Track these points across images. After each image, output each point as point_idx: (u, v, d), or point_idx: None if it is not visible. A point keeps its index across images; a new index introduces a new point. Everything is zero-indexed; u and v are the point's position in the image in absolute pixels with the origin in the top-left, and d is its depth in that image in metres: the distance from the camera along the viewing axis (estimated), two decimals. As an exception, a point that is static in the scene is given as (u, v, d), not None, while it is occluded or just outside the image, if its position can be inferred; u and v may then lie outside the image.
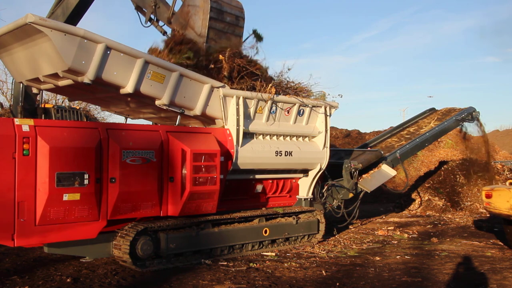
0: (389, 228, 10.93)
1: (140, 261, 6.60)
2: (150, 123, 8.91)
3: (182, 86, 7.08)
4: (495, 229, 10.87)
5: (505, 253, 8.23)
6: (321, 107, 8.94)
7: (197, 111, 7.34)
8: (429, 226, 11.47)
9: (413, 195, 14.82)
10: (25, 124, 5.77)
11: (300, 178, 9.11)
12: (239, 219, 7.78)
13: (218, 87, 7.46)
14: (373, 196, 13.88)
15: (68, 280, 6.01)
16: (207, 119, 7.70)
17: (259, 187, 8.46)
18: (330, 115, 9.10)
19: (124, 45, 6.47)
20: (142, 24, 9.46)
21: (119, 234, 6.57)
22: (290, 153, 8.38)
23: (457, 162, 15.81)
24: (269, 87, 8.01)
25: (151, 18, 9.41)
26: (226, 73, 8.05)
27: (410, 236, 10.11)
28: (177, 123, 7.32)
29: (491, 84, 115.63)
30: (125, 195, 6.37)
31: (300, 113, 8.65)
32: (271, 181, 8.63)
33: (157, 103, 6.97)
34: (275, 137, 8.40)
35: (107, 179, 6.27)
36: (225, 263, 7.18)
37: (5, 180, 5.60)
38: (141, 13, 9.53)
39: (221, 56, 8.08)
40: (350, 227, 10.91)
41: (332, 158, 9.49)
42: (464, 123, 13.47)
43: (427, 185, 14.89)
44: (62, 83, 6.90)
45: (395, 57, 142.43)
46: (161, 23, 9.38)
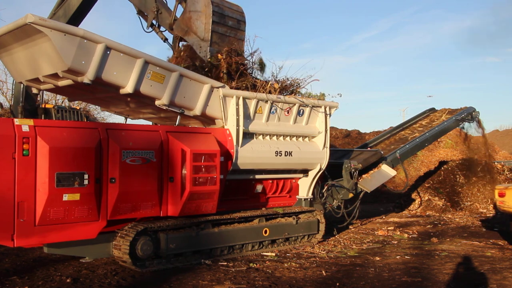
0: (389, 228, 10.93)
1: (140, 261, 6.60)
2: (150, 123, 8.91)
3: (182, 86, 7.08)
4: (494, 229, 10.87)
5: (505, 253, 8.23)
6: (321, 107, 8.94)
7: (197, 111, 7.34)
8: (429, 226, 11.47)
9: (413, 195, 14.81)
10: (25, 124, 5.77)
11: (300, 178, 9.11)
12: (239, 219, 7.78)
13: (218, 87, 7.45)
14: (373, 196, 13.88)
15: (68, 281, 6.01)
16: (207, 119, 7.70)
17: (259, 187, 8.46)
18: (330, 115, 9.11)
19: (124, 45, 6.47)
20: (144, 29, 9.44)
21: (119, 234, 6.57)
22: (290, 153, 8.38)
23: (457, 162, 15.80)
24: (269, 84, 8.01)
25: (152, 23, 9.38)
26: (224, 70, 8.05)
27: (410, 236, 10.11)
28: (177, 123, 7.32)
29: (490, 84, 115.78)
30: (125, 195, 6.37)
31: (300, 113, 8.65)
32: (271, 181, 8.63)
33: (157, 103, 6.97)
34: (275, 137, 8.40)
35: (107, 179, 6.27)
36: (225, 263, 7.17)
37: (5, 180, 5.60)
38: (143, 17, 9.51)
39: (220, 55, 8.09)
40: (350, 227, 10.91)
41: (332, 158, 9.49)
42: (464, 123, 13.49)
43: (427, 185, 14.89)
44: (62, 83, 6.90)
45: (395, 57, 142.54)
46: (162, 28, 9.35)
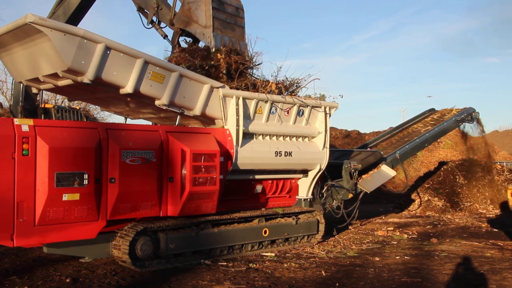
0: (388, 229, 10.93)
1: (140, 262, 6.60)
2: (149, 123, 8.90)
3: (181, 86, 7.08)
4: (494, 229, 10.87)
5: (505, 253, 8.23)
6: (321, 107, 8.94)
7: (197, 111, 7.34)
8: (428, 227, 11.47)
9: (413, 196, 14.81)
10: (25, 124, 5.76)
11: (299, 178, 9.10)
12: (238, 220, 7.78)
13: (217, 87, 7.45)
14: (373, 197, 13.87)
15: (68, 280, 6.01)
16: (206, 119, 7.70)
17: (258, 188, 8.45)
18: (330, 115, 9.10)
19: (124, 45, 6.47)
20: (144, 25, 9.51)
21: (119, 234, 6.56)
22: (290, 154, 8.37)
23: (457, 162, 15.81)
24: (269, 84, 8.02)
25: (152, 20, 9.43)
26: (224, 70, 8.07)
27: (410, 237, 10.11)
28: (176, 123, 7.31)
29: (490, 84, 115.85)
30: (124, 195, 6.36)
31: (300, 113, 8.65)
32: (270, 181, 8.63)
33: (156, 103, 6.97)
34: (274, 138, 8.39)
35: (106, 179, 6.26)
36: (225, 263, 7.17)
37: (4, 180, 5.59)
38: (143, 14, 9.57)
39: (219, 55, 8.09)
40: (350, 227, 10.91)
41: (331, 159, 9.49)
42: (463, 123, 13.50)
43: (426, 185, 14.89)
44: (61, 83, 6.89)
45: (395, 58, 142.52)
46: (162, 24, 9.41)
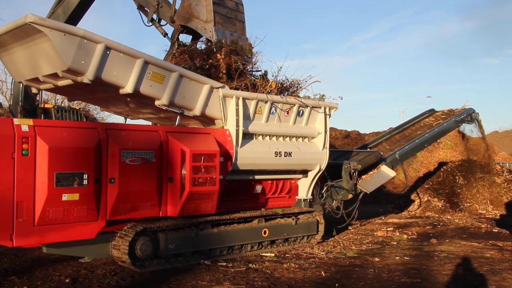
0: (388, 229, 10.93)
1: (139, 262, 6.59)
2: (149, 123, 8.90)
3: (181, 87, 7.07)
4: (494, 230, 10.87)
5: (504, 254, 8.23)
6: (320, 107, 8.94)
7: (197, 111, 7.34)
8: (428, 227, 11.47)
9: (413, 196, 14.81)
10: (24, 124, 5.76)
11: (299, 178, 9.10)
12: (238, 220, 7.78)
13: (217, 88, 7.45)
14: (373, 197, 13.88)
15: (67, 281, 6.00)
16: (206, 119, 7.69)
17: (258, 188, 8.45)
18: (329, 115, 9.10)
19: (124, 45, 6.47)
20: (144, 23, 9.53)
21: (118, 235, 6.56)
22: (290, 154, 8.37)
23: (457, 163, 15.81)
24: (269, 83, 8.02)
25: (153, 18, 9.45)
26: (224, 70, 8.07)
27: (409, 237, 10.11)
28: (176, 124, 7.31)
29: (490, 85, 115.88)
30: (124, 196, 6.36)
31: (299, 113, 8.65)
32: (270, 181, 8.62)
33: (156, 103, 6.97)
34: (274, 138, 8.39)
35: (106, 179, 6.26)
36: (224, 263, 7.17)
37: (4, 180, 5.59)
38: (143, 12, 9.58)
39: (219, 55, 8.10)
40: (350, 228, 10.91)
41: (331, 159, 9.49)
42: (463, 124, 13.50)
43: (426, 186, 14.89)
44: (61, 83, 6.89)
45: (395, 58, 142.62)
46: (163, 22, 9.43)
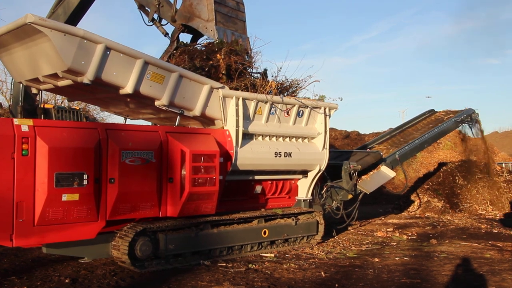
0: (388, 230, 10.92)
1: (139, 262, 6.59)
2: (149, 123, 8.90)
3: (181, 87, 7.07)
4: (493, 230, 10.87)
5: (504, 254, 8.23)
6: (320, 108, 8.94)
7: (197, 112, 7.34)
8: (428, 228, 11.47)
9: (412, 197, 14.81)
10: (24, 124, 5.76)
11: (299, 179, 9.10)
12: (238, 220, 7.77)
13: (217, 88, 7.45)
14: (372, 198, 13.87)
15: (67, 281, 6.00)
16: (206, 120, 7.70)
17: (258, 188, 8.45)
18: (329, 116, 9.10)
19: (124, 46, 6.47)
20: (145, 23, 9.52)
21: (118, 235, 6.56)
22: (290, 154, 8.37)
23: (456, 163, 15.81)
24: (269, 83, 8.02)
25: (153, 18, 9.44)
26: (223, 70, 8.07)
27: (409, 238, 10.11)
28: (176, 124, 7.31)
29: (490, 85, 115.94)
30: (124, 196, 6.36)
31: (299, 114, 8.65)
32: (270, 182, 8.62)
33: (156, 103, 6.97)
34: (274, 138, 8.39)
35: (106, 180, 6.26)
36: (224, 264, 7.17)
37: (4, 180, 5.59)
38: (144, 12, 9.57)
39: (218, 55, 8.11)
40: (349, 228, 10.91)
41: (331, 159, 9.49)
42: (463, 124, 13.50)
43: (426, 186, 14.89)
44: (61, 83, 6.89)
45: (395, 58, 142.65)
46: (164, 22, 9.42)
